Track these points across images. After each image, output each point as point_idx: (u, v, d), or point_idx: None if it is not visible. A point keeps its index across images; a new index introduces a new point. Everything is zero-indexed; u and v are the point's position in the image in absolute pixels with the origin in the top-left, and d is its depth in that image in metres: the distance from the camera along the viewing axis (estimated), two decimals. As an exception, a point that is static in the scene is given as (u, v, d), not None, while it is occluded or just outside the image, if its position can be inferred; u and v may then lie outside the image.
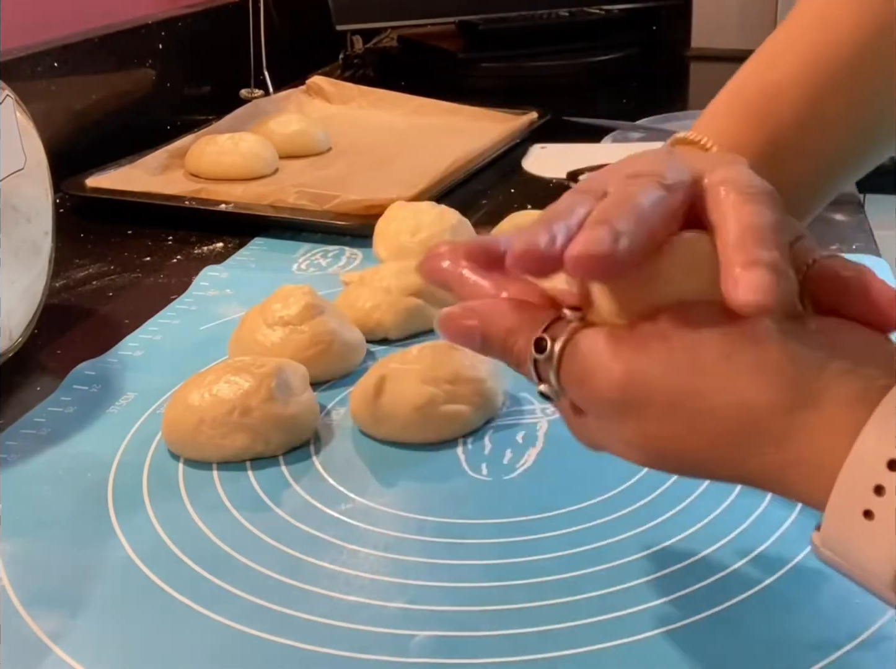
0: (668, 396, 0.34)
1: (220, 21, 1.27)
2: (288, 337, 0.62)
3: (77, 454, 0.56)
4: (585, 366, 0.36)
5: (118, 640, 0.43)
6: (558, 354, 0.36)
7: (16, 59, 0.96)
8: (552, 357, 0.37)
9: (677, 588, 0.45)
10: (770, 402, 0.33)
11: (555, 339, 0.37)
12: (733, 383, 0.33)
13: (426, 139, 1.11)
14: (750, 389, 0.33)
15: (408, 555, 0.48)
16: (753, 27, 1.52)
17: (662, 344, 0.35)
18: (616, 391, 0.35)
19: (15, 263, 0.65)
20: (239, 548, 0.48)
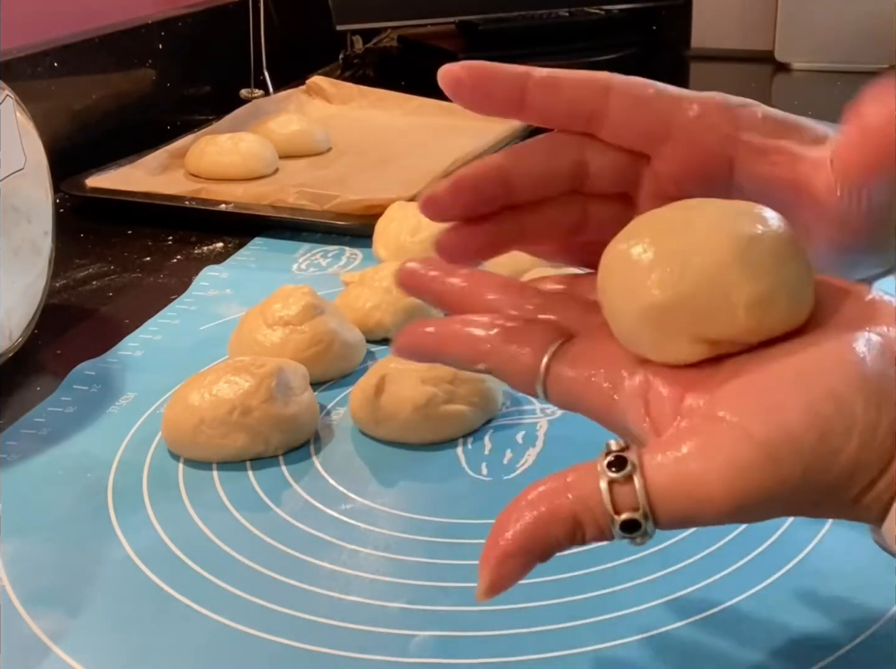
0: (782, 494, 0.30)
1: (220, 21, 1.27)
2: (288, 337, 0.62)
3: (77, 454, 0.56)
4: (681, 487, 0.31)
5: (118, 640, 0.43)
6: (640, 474, 0.31)
7: (16, 59, 0.96)
8: (633, 475, 0.31)
9: (677, 588, 0.45)
10: (874, 466, 0.30)
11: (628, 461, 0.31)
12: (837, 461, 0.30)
13: (426, 139, 1.10)
14: (853, 463, 0.30)
15: (408, 555, 0.48)
16: (753, 27, 1.52)
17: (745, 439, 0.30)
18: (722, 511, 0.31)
19: (15, 263, 0.65)
20: (239, 548, 0.48)
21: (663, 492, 0.31)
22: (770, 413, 0.31)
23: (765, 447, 0.30)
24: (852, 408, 0.30)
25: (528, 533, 0.32)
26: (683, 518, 0.31)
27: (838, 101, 0.87)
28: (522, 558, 0.32)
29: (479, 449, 0.56)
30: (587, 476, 0.32)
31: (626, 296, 0.34)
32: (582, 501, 0.32)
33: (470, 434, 0.57)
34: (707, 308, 0.33)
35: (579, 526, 0.32)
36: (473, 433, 0.57)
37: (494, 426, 0.58)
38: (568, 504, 0.32)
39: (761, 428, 0.30)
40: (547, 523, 0.32)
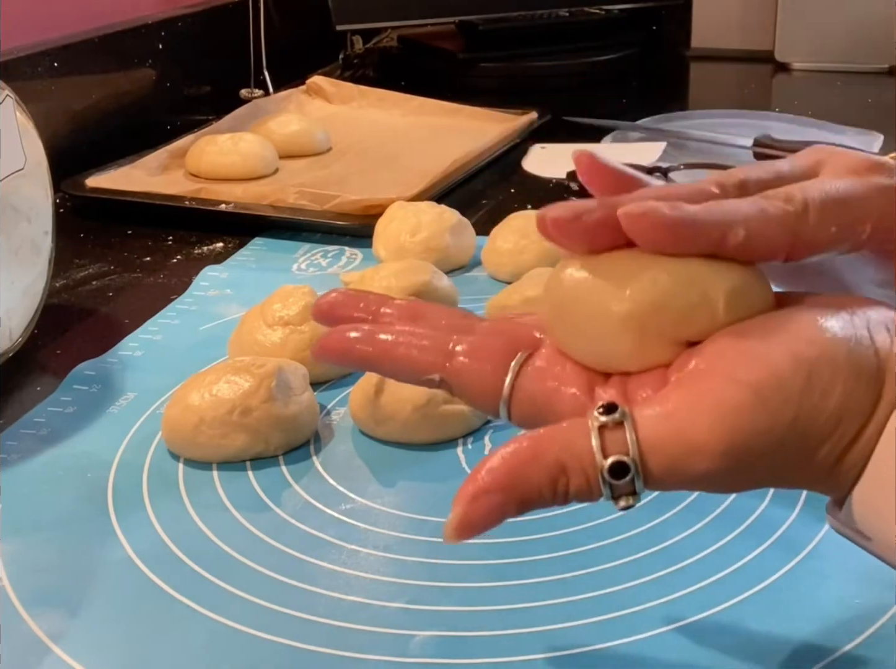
0: (772, 444, 0.30)
1: (220, 21, 1.27)
2: (288, 337, 0.62)
3: (77, 454, 0.56)
4: (673, 429, 0.31)
5: (118, 640, 0.43)
6: (631, 419, 0.31)
7: (16, 59, 0.96)
8: (623, 420, 0.31)
9: (677, 588, 0.45)
10: (860, 403, 0.31)
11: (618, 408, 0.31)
12: (828, 400, 0.30)
13: (426, 139, 1.10)
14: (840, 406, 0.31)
15: (408, 555, 0.48)
16: (753, 27, 1.52)
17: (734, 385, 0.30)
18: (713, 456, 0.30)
19: (15, 263, 0.65)
20: (239, 548, 0.48)
21: (654, 437, 0.30)
22: (755, 358, 0.31)
23: (753, 388, 0.30)
24: (835, 353, 0.30)
25: (508, 471, 0.31)
26: (674, 467, 0.30)
27: (838, 100, 0.88)
28: (498, 496, 0.31)
29: (479, 449, 0.56)
30: (578, 424, 0.31)
31: (597, 314, 0.34)
32: (568, 447, 0.31)
33: (470, 434, 0.57)
34: (686, 308, 0.33)
35: (563, 472, 0.31)
36: (473, 433, 0.57)
37: (494, 426, 0.58)
38: (554, 447, 0.31)
39: (748, 372, 0.30)
40: (529, 464, 0.31)
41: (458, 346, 0.36)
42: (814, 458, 0.31)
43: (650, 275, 0.33)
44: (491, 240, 0.78)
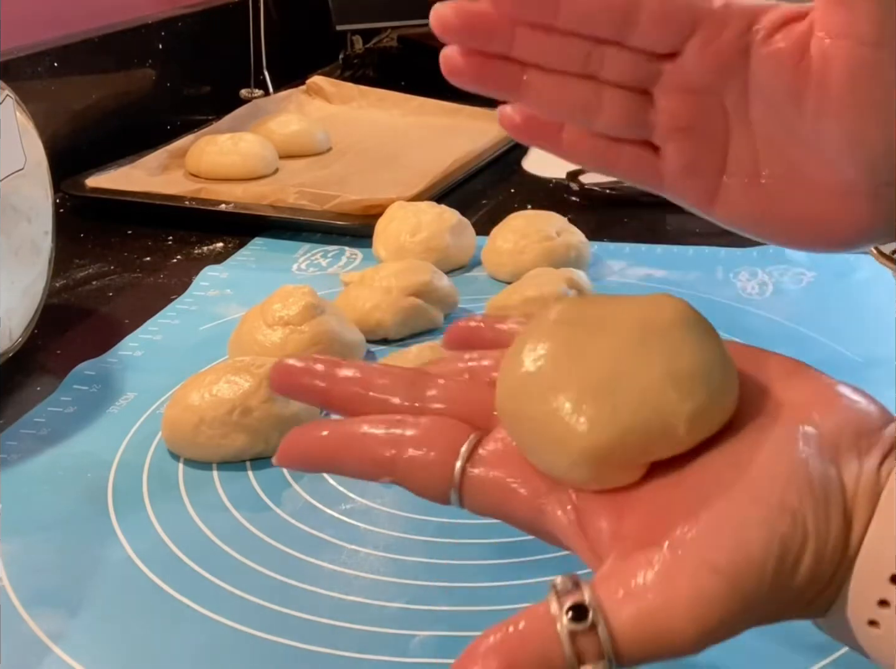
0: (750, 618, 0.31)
1: (220, 21, 1.27)
2: (288, 337, 0.62)
3: (77, 454, 0.56)
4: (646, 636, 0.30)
5: (118, 640, 0.43)
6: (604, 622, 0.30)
7: (16, 59, 0.96)
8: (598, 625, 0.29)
9: (677, 588, 0.44)
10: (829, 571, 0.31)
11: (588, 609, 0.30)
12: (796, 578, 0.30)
13: (426, 139, 1.11)
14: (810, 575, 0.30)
15: (408, 555, 0.48)
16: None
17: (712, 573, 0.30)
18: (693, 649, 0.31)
19: (15, 263, 0.65)
20: (239, 548, 0.48)
21: (628, 635, 0.30)
22: (730, 539, 0.30)
23: (728, 577, 0.30)
24: (804, 521, 0.30)
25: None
26: (648, 654, 0.30)
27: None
28: None
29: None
30: (543, 626, 0.30)
31: (552, 439, 0.32)
32: (541, 657, 0.30)
33: (470, 434, 0.57)
34: (647, 436, 0.32)
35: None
36: (473, 433, 0.57)
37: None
38: (526, 658, 0.30)
39: (723, 558, 0.30)
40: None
41: (407, 431, 0.35)
42: (787, 612, 0.32)
43: (609, 397, 0.32)
44: (491, 240, 0.78)
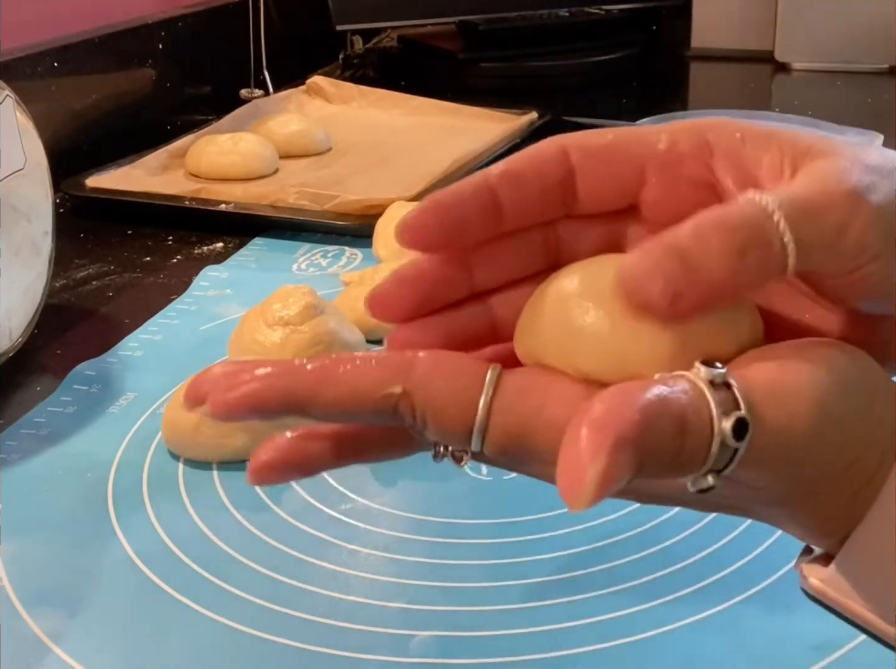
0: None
1: (220, 21, 1.27)
2: (288, 337, 0.62)
3: (77, 454, 0.56)
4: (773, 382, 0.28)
5: (118, 640, 0.43)
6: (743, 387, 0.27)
7: (16, 59, 0.96)
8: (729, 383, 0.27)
9: (677, 588, 0.45)
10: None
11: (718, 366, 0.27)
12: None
13: (426, 139, 1.11)
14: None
15: (408, 555, 0.48)
16: (753, 27, 1.52)
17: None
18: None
19: (15, 263, 0.65)
20: (239, 548, 0.48)
21: (762, 388, 0.27)
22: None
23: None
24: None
25: (642, 418, 0.26)
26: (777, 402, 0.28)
27: (838, 100, 0.88)
28: (635, 447, 0.25)
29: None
30: (682, 381, 0.27)
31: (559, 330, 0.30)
32: (688, 399, 0.26)
33: (470, 434, 0.57)
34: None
35: (686, 424, 0.26)
36: (473, 433, 0.57)
37: (494, 426, 0.58)
38: (680, 398, 0.26)
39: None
40: (658, 416, 0.26)
41: (419, 354, 0.30)
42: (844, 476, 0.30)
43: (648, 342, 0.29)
44: (491, 240, 0.78)
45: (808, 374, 0.28)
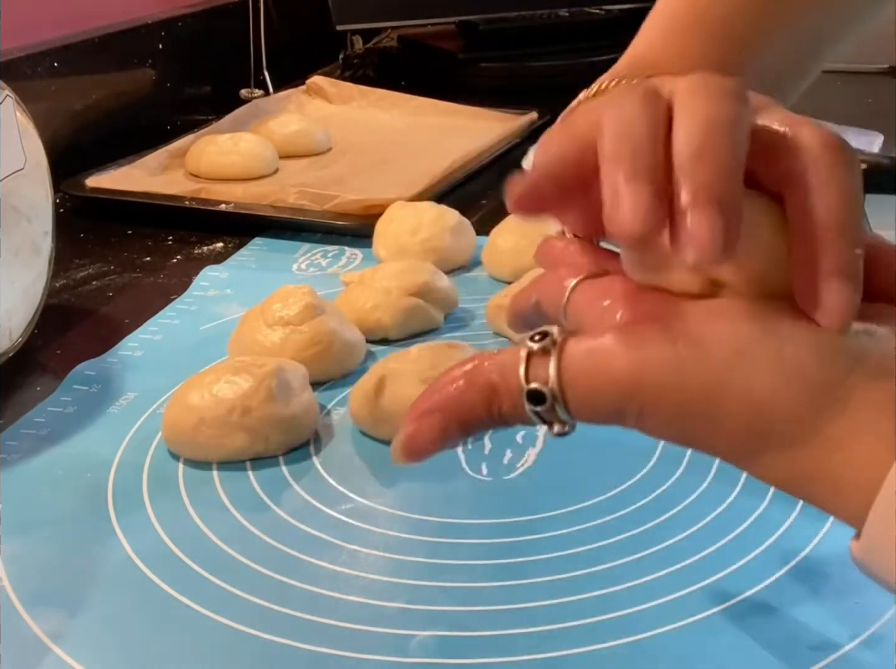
0: (678, 396, 0.31)
1: (220, 21, 1.27)
2: (288, 337, 0.62)
3: (77, 454, 0.56)
4: (589, 365, 0.32)
5: (118, 640, 0.43)
6: (558, 349, 0.32)
7: (16, 59, 0.96)
8: (550, 349, 0.32)
9: (677, 588, 0.45)
10: (788, 407, 0.30)
11: (549, 335, 0.33)
12: (748, 383, 0.31)
13: (426, 139, 1.10)
14: (764, 391, 0.30)
15: (408, 555, 0.48)
16: (753, 27, 1.52)
17: (666, 341, 0.31)
18: (621, 392, 0.32)
19: (15, 263, 0.65)
20: (239, 548, 0.48)
21: (573, 368, 0.32)
22: (700, 324, 0.32)
23: (677, 347, 0.31)
24: (784, 345, 0.31)
25: (447, 393, 0.34)
26: (588, 398, 0.32)
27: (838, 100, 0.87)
28: (439, 416, 0.33)
29: (479, 449, 0.56)
30: (512, 351, 0.33)
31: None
32: (499, 369, 0.33)
33: (470, 434, 0.57)
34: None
35: (495, 393, 0.33)
36: (473, 433, 0.57)
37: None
38: (486, 371, 0.33)
39: (684, 332, 0.32)
40: (465, 387, 0.33)
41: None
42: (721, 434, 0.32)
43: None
44: (491, 240, 0.78)
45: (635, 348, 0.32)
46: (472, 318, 0.71)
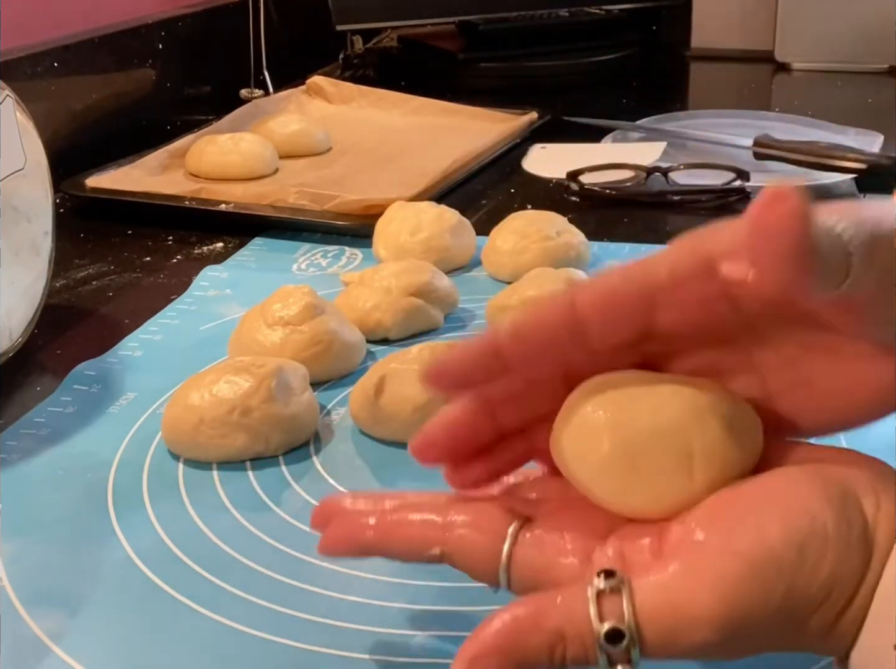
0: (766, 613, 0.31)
1: (220, 21, 1.27)
2: (288, 337, 0.62)
3: (77, 454, 0.56)
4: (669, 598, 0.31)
5: (118, 640, 0.43)
6: (629, 585, 0.31)
7: (16, 59, 0.96)
8: (621, 587, 0.31)
9: (677, 588, 0.44)
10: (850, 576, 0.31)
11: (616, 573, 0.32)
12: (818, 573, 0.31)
13: (426, 139, 1.11)
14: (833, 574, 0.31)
15: (408, 555, 0.48)
16: (753, 27, 1.52)
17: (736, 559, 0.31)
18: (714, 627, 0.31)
19: (15, 263, 0.65)
20: (239, 548, 0.48)
21: (651, 606, 0.31)
22: (750, 530, 0.32)
23: (748, 560, 0.31)
24: (825, 522, 0.31)
25: (508, 636, 0.32)
26: (670, 637, 0.31)
27: (838, 100, 0.87)
28: (495, 660, 0.32)
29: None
30: (577, 590, 0.32)
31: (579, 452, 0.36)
32: (568, 615, 0.32)
33: (470, 434, 0.57)
34: (663, 460, 0.34)
35: (561, 639, 0.31)
36: (473, 433, 0.57)
37: (494, 426, 0.58)
38: (554, 615, 0.32)
39: (744, 546, 0.31)
40: (529, 631, 0.32)
41: (457, 517, 0.37)
42: (807, 626, 0.32)
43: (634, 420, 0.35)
44: (491, 240, 0.78)
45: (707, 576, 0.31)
46: (472, 318, 0.71)
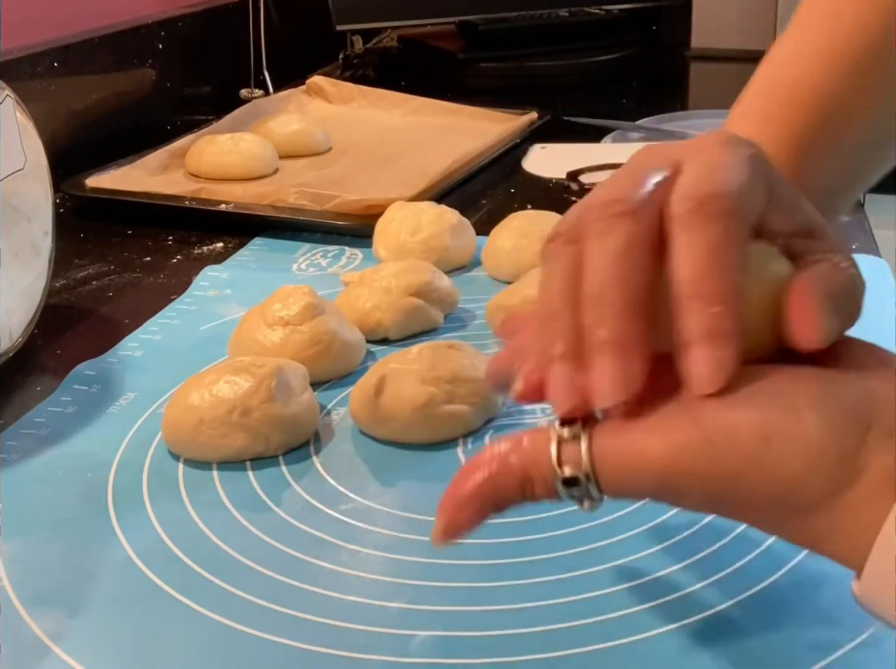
0: (711, 480, 0.33)
1: (220, 21, 1.27)
2: (288, 337, 0.62)
3: (77, 454, 0.56)
4: (621, 451, 0.34)
5: (118, 640, 0.43)
6: (588, 434, 0.34)
7: (16, 59, 0.96)
8: (580, 434, 0.34)
9: (677, 588, 0.45)
10: (813, 484, 0.32)
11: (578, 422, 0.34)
12: (777, 467, 0.32)
13: (426, 139, 1.11)
14: (792, 473, 0.32)
15: (408, 555, 0.48)
16: (753, 27, 1.52)
17: (696, 427, 0.33)
18: (656, 478, 0.33)
19: (15, 263, 0.65)
20: (239, 548, 0.48)
21: (605, 454, 0.34)
22: (722, 408, 0.33)
23: (707, 434, 0.33)
24: (807, 429, 0.32)
25: (484, 483, 0.36)
26: (622, 479, 0.34)
27: (838, 101, 0.84)
28: (478, 504, 0.36)
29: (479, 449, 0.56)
30: (540, 435, 0.35)
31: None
32: (531, 456, 0.35)
33: (470, 434, 0.57)
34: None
35: (528, 480, 0.35)
36: (473, 433, 0.57)
37: (494, 426, 0.58)
38: (519, 459, 0.35)
39: (711, 419, 0.33)
40: (500, 476, 0.36)
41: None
42: (751, 507, 0.33)
43: None
44: (491, 240, 0.78)
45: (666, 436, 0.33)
46: (472, 318, 0.71)
